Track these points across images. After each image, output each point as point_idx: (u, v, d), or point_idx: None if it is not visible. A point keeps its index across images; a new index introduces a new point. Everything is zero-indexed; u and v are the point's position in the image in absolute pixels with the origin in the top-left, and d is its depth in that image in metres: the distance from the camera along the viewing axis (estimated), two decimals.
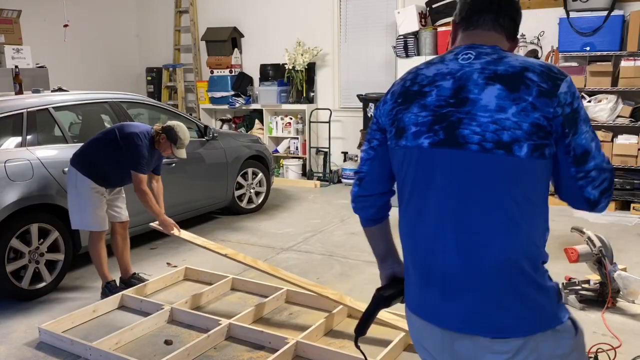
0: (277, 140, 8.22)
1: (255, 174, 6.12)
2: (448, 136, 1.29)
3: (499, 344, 1.30)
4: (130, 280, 3.92)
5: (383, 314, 3.15)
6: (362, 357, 1.70)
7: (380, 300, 1.58)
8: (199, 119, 7.03)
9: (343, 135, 7.91)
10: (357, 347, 1.62)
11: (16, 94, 4.49)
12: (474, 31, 1.40)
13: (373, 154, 1.50)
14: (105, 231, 3.76)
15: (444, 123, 1.30)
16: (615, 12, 5.77)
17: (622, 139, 5.86)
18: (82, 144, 3.84)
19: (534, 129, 1.23)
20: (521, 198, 1.26)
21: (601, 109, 5.86)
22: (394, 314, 3.17)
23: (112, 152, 3.62)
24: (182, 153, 3.79)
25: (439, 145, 1.30)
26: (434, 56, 2.41)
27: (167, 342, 3.15)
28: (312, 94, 7.96)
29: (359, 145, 7.38)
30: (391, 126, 1.42)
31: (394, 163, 1.44)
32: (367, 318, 1.61)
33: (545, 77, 1.26)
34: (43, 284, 3.86)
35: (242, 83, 8.31)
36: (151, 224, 3.97)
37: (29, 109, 4.04)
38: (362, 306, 3.19)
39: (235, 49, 8.41)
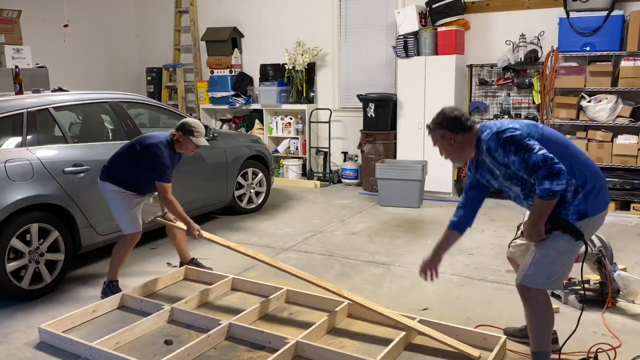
0: (277, 140, 8.22)
1: (255, 174, 6.12)
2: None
3: None
4: (190, 263, 4.22)
5: (384, 313, 3.14)
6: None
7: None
8: (199, 119, 7.02)
9: (343, 135, 7.91)
10: (583, 241, 2.49)
11: (16, 94, 4.49)
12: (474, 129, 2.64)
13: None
14: (140, 233, 3.84)
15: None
16: (615, 12, 5.78)
17: (622, 139, 5.86)
18: (82, 144, 3.83)
19: None
20: None
21: (601, 109, 5.86)
22: (394, 314, 3.17)
23: (137, 166, 3.70)
24: (203, 141, 3.83)
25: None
26: (431, 56, 5.44)
27: (167, 342, 3.15)
28: (312, 94, 7.96)
29: (359, 145, 7.38)
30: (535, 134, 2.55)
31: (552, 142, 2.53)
32: (572, 227, 2.44)
33: None
34: (43, 284, 3.86)
35: (242, 83, 8.31)
36: (158, 217, 4.00)
37: (29, 109, 4.04)
38: (360, 299, 3.22)
39: (235, 49, 8.41)
